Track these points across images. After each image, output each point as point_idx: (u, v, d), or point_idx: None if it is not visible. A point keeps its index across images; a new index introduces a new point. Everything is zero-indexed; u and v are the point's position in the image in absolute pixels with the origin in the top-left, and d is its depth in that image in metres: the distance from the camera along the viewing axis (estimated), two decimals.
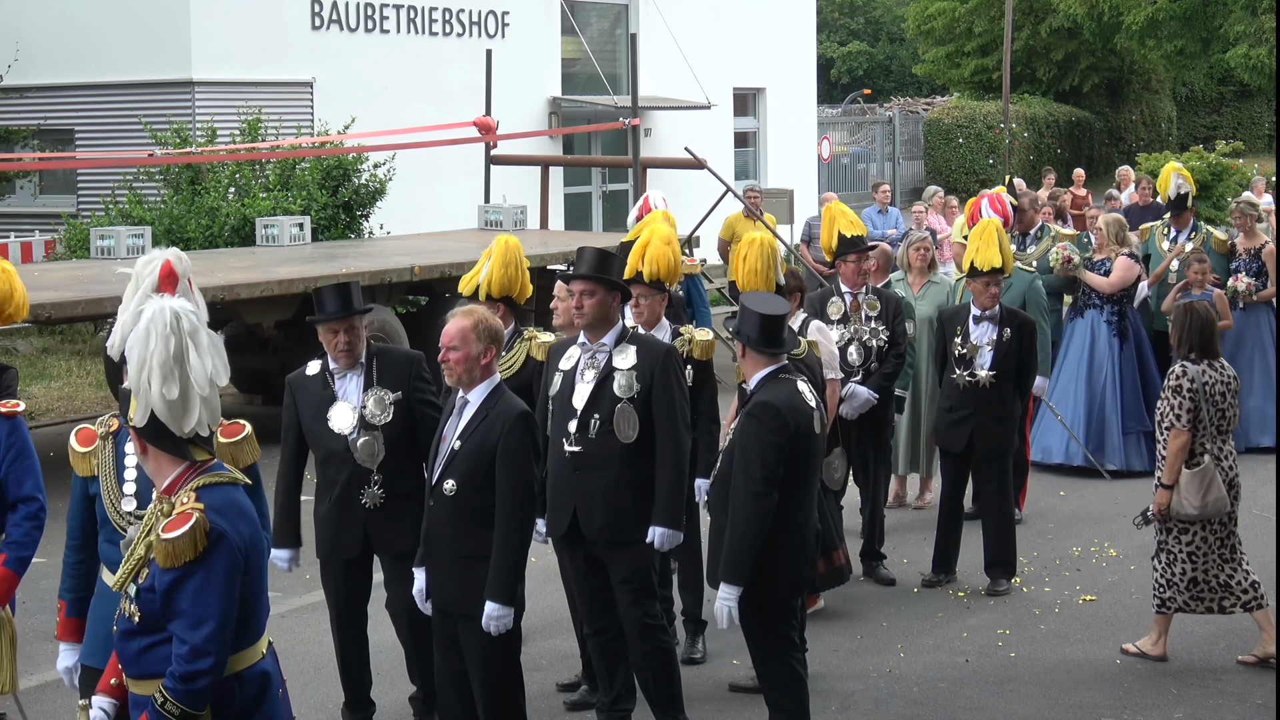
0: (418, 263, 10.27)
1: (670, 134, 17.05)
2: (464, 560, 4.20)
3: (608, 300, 4.69)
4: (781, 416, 4.31)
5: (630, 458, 4.64)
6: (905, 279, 7.67)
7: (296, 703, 5.25)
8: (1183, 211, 9.43)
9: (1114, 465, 8.46)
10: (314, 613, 6.15)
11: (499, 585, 4.12)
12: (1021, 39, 28.01)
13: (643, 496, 4.66)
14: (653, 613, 4.71)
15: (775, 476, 4.29)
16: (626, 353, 4.69)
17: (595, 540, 4.71)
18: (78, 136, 14.18)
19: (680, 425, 4.65)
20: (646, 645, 4.70)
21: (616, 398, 4.64)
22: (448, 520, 4.22)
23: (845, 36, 38.99)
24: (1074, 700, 5.29)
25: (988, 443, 6.49)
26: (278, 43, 14.15)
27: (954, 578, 6.61)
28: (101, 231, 10.65)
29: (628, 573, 4.68)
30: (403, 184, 13.15)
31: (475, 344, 4.19)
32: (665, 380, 4.64)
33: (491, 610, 4.13)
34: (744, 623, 4.39)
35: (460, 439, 4.21)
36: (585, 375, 4.71)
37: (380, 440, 4.61)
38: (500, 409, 4.18)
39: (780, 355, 4.47)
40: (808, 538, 4.43)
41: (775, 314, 4.42)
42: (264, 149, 12.37)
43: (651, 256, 5.22)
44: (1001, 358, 6.47)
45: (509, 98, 14.73)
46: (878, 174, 24.70)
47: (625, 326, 4.78)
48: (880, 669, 5.58)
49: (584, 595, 4.82)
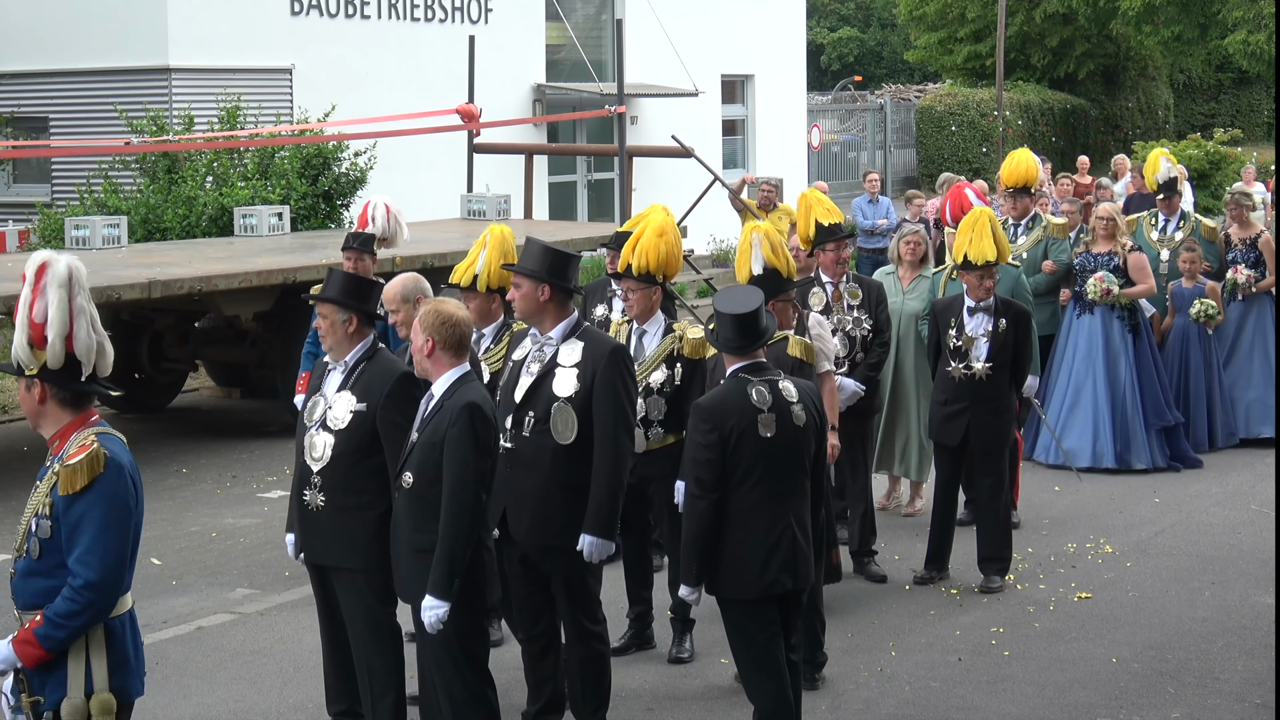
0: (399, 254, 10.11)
1: (657, 122, 16.94)
2: (421, 554, 4.15)
3: (534, 293, 4.57)
4: (711, 418, 4.27)
5: (564, 459, 4.52)
6: (895, 273, 7.51)
7: (276, 702, 5.25)
8: (1172, 197, 9.38)
9: (1141, 464, 8.41)
10: (294, 610, 6.10)
11: (436, 579, 4.07)
12: (1015, 25, 27.86)
13: (575, 501, 4.54)
14: (592, 616, 4.63)
15: (709, 478, 4.27)
16: (573, 349, 4.59)
17: (523, 542, 4.61)
18: (52, 124, 14.08)
19: (620, 430, 4.53)
20: (582, 651, 4.62)
21: (554, 395, 4.53)
22: (406, 513, 4.20)
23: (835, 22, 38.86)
24: (1069, 700, 5.22)
25: (984, 436, 6.38)
26: (256, 29, 14.04)
27: (946, 574, 6.49)
28: (76, 221, 10.55)
29: (563, 579, 4.60)
30: (384, 173, 13.08)
31: (419, 335, 4.15)
32: (609, 381, 4.52)
33: (427, 602, 4.07)
34: (724, 622, 4.35)
35: (418, 430, 4.19)
36: (530, 368, 4.62)
37: (330, 445, 4.48)
38: (454, 399, 4.13)
39: (753, 350, 4.38)
40: (772, 541, 4.33)
41: (744, 312, 4.35)
42: (242, 137, 12.28)
43: (642, 249, 5.12)
44: (998, 349, 6.35)
45: (492, 85, 14.65)
46: (868, 163, 24.55)
47: (578, 321, 4.67)
48: (871, 668, 5.51)
49: (516, 601, 4.73)
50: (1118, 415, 8.43)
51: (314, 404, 4.57)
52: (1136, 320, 8.56)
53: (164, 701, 5.19)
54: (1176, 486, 8.17)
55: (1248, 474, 8.42)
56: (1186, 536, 7.23)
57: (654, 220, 5.17)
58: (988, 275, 6.36)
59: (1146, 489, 8.12)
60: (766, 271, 5.21)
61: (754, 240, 5.25)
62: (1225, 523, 7.45)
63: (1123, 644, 5.73)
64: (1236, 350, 9.13)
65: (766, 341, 4.44)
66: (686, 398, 5.13)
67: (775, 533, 4.30)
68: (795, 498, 4.37)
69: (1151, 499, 7.93)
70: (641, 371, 5.27)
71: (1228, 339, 9.15)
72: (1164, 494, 8.02)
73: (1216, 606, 6.17)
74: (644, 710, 5.13)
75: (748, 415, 4.27)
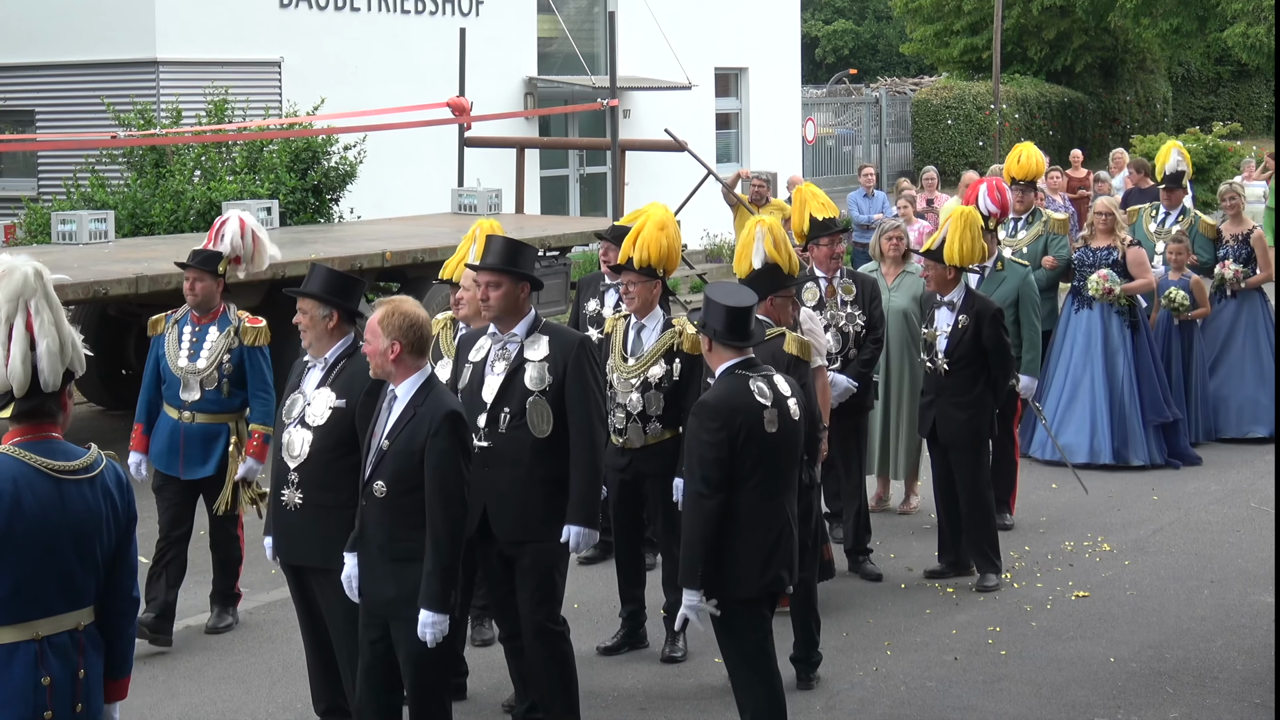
0: (389, 248, 10.09)
1: (650, 115, 16.84)
2: (398, 563, 4.09)
3: (514, 291, 4.54)
4: (720, 416, 4.21)
5: (542, 453, 4.51)
6: (879, 269, 7.45)
7: (265, 701, 5.20)
8: (1176, 189, 9.34)
9: (1139, 460, 8.36)
10: (282, 609, 6.03)
11: (431, 593, 4.01)
12: (1012, 17, 27.79)
13: (555, 495, 4.53)
14: (554, 617, 4.58)
15: (715, 477, 4.21)
16: (538, 344, 4.56)
17: (504, 539, 4.57)
18: (38, 117, 13.96)
19: (594, 419, 4.54)
20: (544, 650, 4.58)
21: (528, 390, 4.51)
22: (379, 523, 4.13)
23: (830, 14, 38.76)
24: (1066, 699, 5.17)
25: (948, 430, 6.35)
26: (245, 21, 13.94)
27: (967, 568, 6.41)
28: (63, 216, 10.49)
29: (530, 571, 4.55)
30: (374, 167, 13.03)
31: (381, 338, 4.06)
32: (579, 372, 4.51)
33: (426, 619, 4.03)
34: (714, 623, 4.30)
35: (388, 438, 4.10)
36: (495, 367, 4.58)
37: (308, 441, 4.42)
38: (429, 407, 4.07)
39: (745, 348, 4.34)
40: (772, 538, 4.30)
41: (742, 306, 4.30)
42: (231, 131, 12.22)
43: (643, 242, 5.11)
44: (955, 344, 6.31)
45: (483, 78, 14.57)
46: (864, 156, 24.48)
47: (537, 316, 4.65)
48: (866, 667, 5.46)
49: (496, 601, 4.68)
50: (1115, 411, 8.39)
51: (292, 401, 4.52)
52: (1135, 316, 8.51)
53: (151, 701, 5.15)
54: (1175, 484, 8.11)
55: (1247, 471, 8.36)
56: (1185, 534, 7.18)
57: (655, 214, 5.16)
58: (930, 267, 6.31)
59: (1145, 486, 8.06)
60: (766, 266, 5.18)
61: (758, 234, 5.25)
62: (1224, 520, 7.40)
63: (1120, 643, 5.68)
64: (1228, 349, 9.08)
65: (759, 339, 4.40)
66: (685, 393, 5.12)
67: (775, 529, 4.28)
68: (790, 492, 4.37)
69: (1150, 496, 7.87)
70: (639, 366, 5.27)
71: (1219, 338, 9.10)
72: (1162, 491, 7.97)
73: (1215, 605, 6.12)
74: (637, 710, 5.08)
75: (754, 412, 4.24)
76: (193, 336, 5.74)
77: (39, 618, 3.04)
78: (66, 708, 3.07)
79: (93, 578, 3.11)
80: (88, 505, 3.09)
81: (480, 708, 5.06)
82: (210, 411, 5.72)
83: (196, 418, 5.72)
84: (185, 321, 5.79)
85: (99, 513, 3.11)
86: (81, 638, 3.10)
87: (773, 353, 5.14)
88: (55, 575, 3.05)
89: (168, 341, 5.77)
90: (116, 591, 3.18)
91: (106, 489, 3.13)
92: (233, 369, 5.71)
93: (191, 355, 5.71)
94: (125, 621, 3.21)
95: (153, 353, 5.81)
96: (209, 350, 5.69)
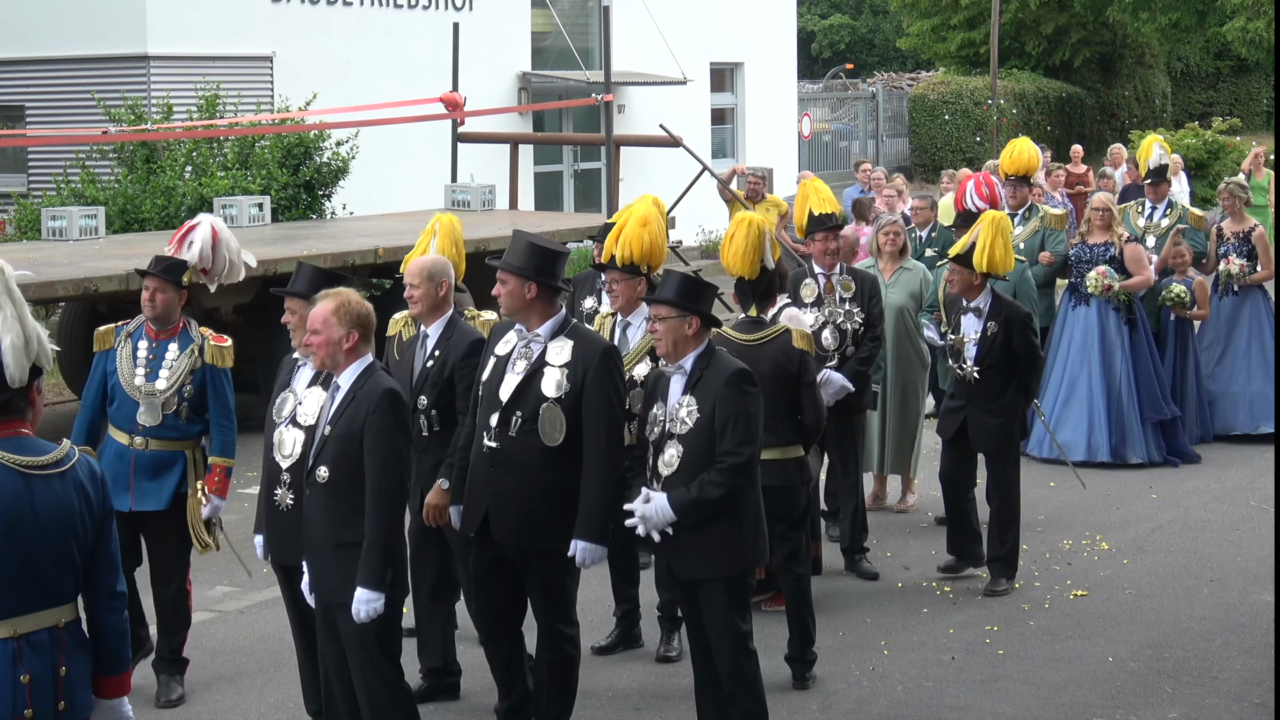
0: (382, 244, 10.05)
1: (644, 111, 16.80)
2: (342, 549, 4.08)
3: (520, 290, 4.45)
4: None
5: (551, 461, 4.40)
6: (876, 265, 7.39)
7: (257, 701, 5.16)
8: (1160, 183, 9.35)
9: (1137, 458, 8.33)
10: (275, 608, 5.96)
11: (368, 570, 4.01)
12: (1010, 11, 27.71)
13: (560, 504, 4.41)
14: (566, 618, 4.53)
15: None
16: (563, 347, 4.45)
17: (505, 543, 4.50)
18: (28, 113, 13.94)
19: (613, 433, 4.40)
20: (553, 654, 4.53)
21: (544, 396, 4.40)
22: (323, 509, 4.12)
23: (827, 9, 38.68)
24: (1065, 699, 5.13)
25: (979, 435, 6.33)
26: (236, 16, 13.91)
27: (979, 563, 6.37)
28: (53, 212, 10.47)
29: (541, 581, 4.50)
30: (366, 163, 13.00)
31: (337, 328, 4.09)
32: (599, 382, 4.38)
33: (360, 595, 4.01)
34: (717, 607, 4.33)
35: (330, 424, 4.12)
36: (516, 366, 4.49)
37: (299, 441, 4.37)
38: (368, 389, 4.09)
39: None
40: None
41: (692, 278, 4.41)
42: (222, 126, 12.18)
43: (626, 239, 5.04)
44: (985, 352, 6.25)
45: (477, 73, 14.52)
46: (860, 152, 24.43)
47: (567, 318, 4.54)
48: (863, 667, 5.42)
49: (481, 601, 4.61)
50: (1113, 408, 8.35)
51: (283, 400, 4.47)
52: (1134, 313, 8.47)
53: (141, 702, 5.06)
54: (1174, 482, 8.08)
55: (1246, 469, 8.33)
56: (1184, 533, 7.14)
57: (638, 210, 5.09)
58: (955, 271, 6.21)
59: (1143, 484, 8.02)
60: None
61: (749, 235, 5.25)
62: (1223, 519, 7.36)
63: (1119, 642, 5.65)
64: (1232, 346, 9.05)
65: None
66: None
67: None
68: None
69: (1148, 495, 7.83)
70: (626, 364, 5.18)
71: (1222, 335, 9.07)
72: (1161, 490, 7.92)
73: (1214, 604, 6.08)
74: (631, 710, 5.04)
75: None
76: (149, 353, 5.04)
77: (13, 615, 2.98)
78: (48, 706, 3.01)
79: (70, 574, 3.05)
80: (59, 501, 3.02)
81: (474, 707, 5.02)
82: (166, 438, 5.04)
83: (150, 444, 5.01)
84: (140, 335, 5.09)
85: (72, 508, 3.04)
86: (63, 635, 3.04)
87: (784, 349, 5.17)
88: (28, 572, 2.99)
89: (120, 357, 5.06)
90: (97, 587, 3.13)
91: (79, 483, 3.06)
92: (194, 392, 5.05)
93: (149, 374, 5.02)
94: (111, 617, 3.15)
95: (98, 368, 5.10)
96: (169, 370, 5.02)
